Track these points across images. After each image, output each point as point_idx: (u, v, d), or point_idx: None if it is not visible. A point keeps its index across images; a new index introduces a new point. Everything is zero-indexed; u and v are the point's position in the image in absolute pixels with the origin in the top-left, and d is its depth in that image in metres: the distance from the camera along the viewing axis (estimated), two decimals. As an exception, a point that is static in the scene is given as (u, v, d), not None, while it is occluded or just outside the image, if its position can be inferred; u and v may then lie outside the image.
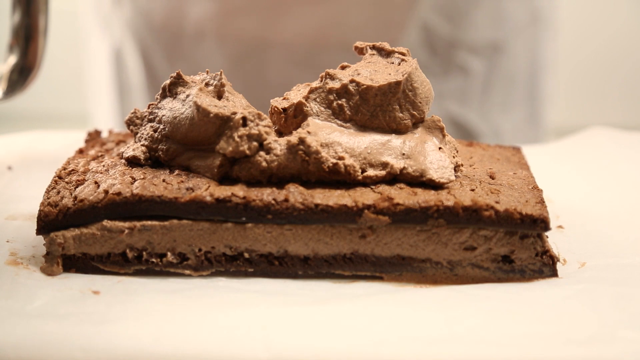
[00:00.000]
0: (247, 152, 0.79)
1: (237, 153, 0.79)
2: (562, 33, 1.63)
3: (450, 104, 1.45)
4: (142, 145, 0.85)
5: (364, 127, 0.83)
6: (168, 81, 0.86)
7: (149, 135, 0.85)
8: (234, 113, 0.79)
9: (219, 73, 0.86)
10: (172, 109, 0.84)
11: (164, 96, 0.86)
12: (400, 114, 0.83)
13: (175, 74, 0.85)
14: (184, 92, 0.84)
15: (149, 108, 0.87)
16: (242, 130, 0.79)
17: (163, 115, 0.84)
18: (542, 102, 1.58)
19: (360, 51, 0.90)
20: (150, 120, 0.86)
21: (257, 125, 0.79)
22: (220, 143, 0.79)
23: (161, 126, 0.84)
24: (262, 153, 0.79)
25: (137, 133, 0.86)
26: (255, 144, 0.79)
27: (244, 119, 0.79)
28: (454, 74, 1.44)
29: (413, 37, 1.39)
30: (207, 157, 0.81)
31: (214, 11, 1.38)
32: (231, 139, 0.78)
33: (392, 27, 1.38)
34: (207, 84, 0.86)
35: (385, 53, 0.88)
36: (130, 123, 0.87)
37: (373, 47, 0.89)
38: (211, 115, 0.80)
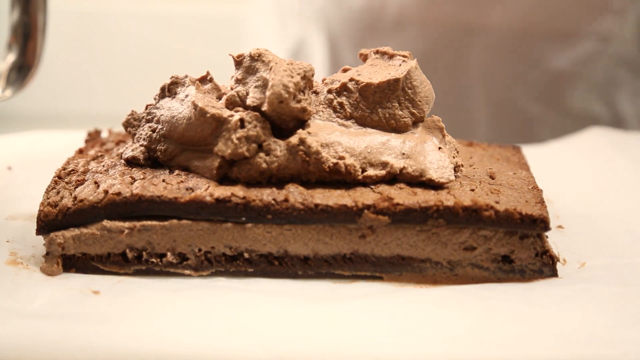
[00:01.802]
0: (246, 154, 0.79)
1: (236, 155, 0.79)
2: None
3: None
4: (141, 145, 0.85)
5: (364, 125, 0.84)
6: (168, 81, 0.86)
7: (147, 135, 0.85)
8: (232, 115, 0.79)
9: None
10: (171, 108, 0.84)
11: (162, 96, 0.87)
12: (400, 112, 0.84)
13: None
14: (183, 92, 0.84)
15: (146, 109, 0.87)
16: (241, 132, 0.79)
17: (161, 115, 0.84)
18: None
19: (365, 57, 0.90)
20: (148, 121, 0.86)
21: (256, 126, 0.79)
22: (219, 145, 0.79)
23: (159, 126, 0.84)
24: (261, 154, 0.79)
25: (135, 134, 0.86)
26: (254, 145, 0.79)
27: (242, 120, 0.79)
28: None
29: (627, 29, 1.32)
30: (205, 158, 0.81)
31: None
32: (229, 140, 0.78)
33: (607, 15, 1.30)
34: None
35: (388, 56, 0.88)
36: (127, 125, 0.87)
37: (377, 52, 0.89)
38: (208, 115, 0.79)
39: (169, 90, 0.86)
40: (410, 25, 1.36)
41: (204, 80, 0.86)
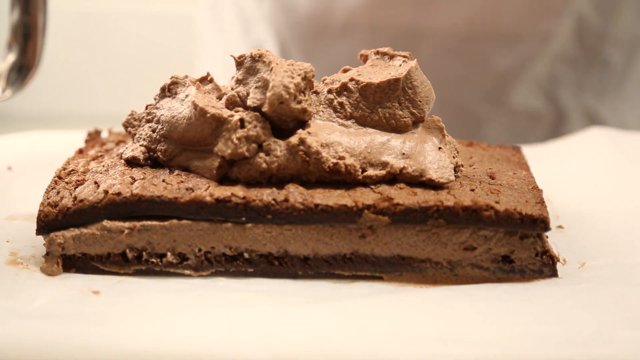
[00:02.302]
0: (246, 154, 0.79)
1: (236, 155, 0.79)
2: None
3: (588, 97, 1.42)
4: (141, 145, 0.85)
5: (364, 124, 0.84)
6: (168, 81, 0.86)
7: (148, 135, 0.85)
8: (232, 115, 0.79)
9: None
10: (171, 108, 0.84)
11: (162, 96, 0.87)
12: (400, 112, 0.84)
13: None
14: (184, 92, 0.84)
15: (146, 109, 0.87)
16: (241, 132, 0.79)
17: (162, 115, 0.84)
18: None
19: (365, 58, 0.90)
20: (148, 121, 0.86)
21: (256, 126, 0.79)
22: (219, 145, 0.79)
23: (159, 126, 0.84)
24: (261, 154, 0.79)
25: (135, 134, 0.86)
26: (254, 145, 0.79)
27: (242, 120, 0.79)
28: (596, 67, 1.41)
29: (565, 28, 1.36)
30: (205, 158, 0.81)
31: (364, 1, 1.35)
32: (229, 141, 0.78)
33: (547, 15, 1.34)
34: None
35: (388, 57, 0.88)
36: (127, 125, 0.87)
37: (377, 53, 0.89)
38: (208, 115, 0.80)
39: (169, 90, 0.86)
40: (357, 29, 1.37)
41: (204, 80, 0.86)
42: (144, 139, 0.85)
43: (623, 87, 1.45)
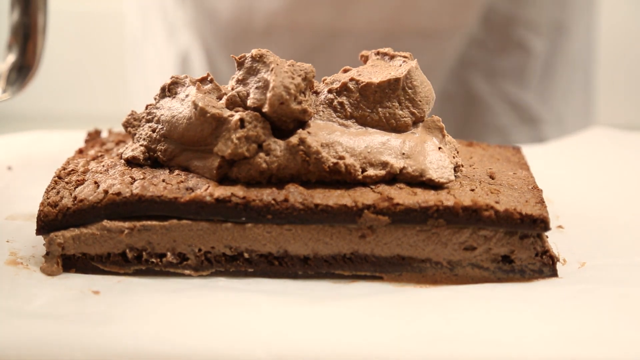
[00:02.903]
0: (246, 154, 0.79)
1: (236, 155, 0.79)
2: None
3: (507, 83, 1.43)
4: (141, 145, 0.85)
5: (364, 124, 0.84)
6: (168, 81, 0.86)
7: (148, 135, 0.85)
8: (232, 115, 0.79)
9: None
10: (171, 108, 0.84)
11: (162, 96, 0.87)
12: (400, 112, 0.84)
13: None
14: (184, 92, 0.84)
15: (146, 109, 0.87)
16: (240, 132, 0.79)
17: (162, 115, 0.84)
18: (595, 93, 1.56)
19: (366, 59, 0.90)
20: (148, 121, 0.86)
21: (256, 126, 0.79)
22: (219, 145, 0.79)
23: (159, 126, 0.84)
24: (261, 154, 0.79)
25: (135, 134, 0.86)
26: (254, 145, 0.79)
27: (242, 120, 0.79)
28: (513, 52, 1.42)
29: (475, 14, 1.37)
30: (205, 158, 0.81)
31: (284, 4, 1.36)
32: (229, 140, 0.78)
33: (461, 8, 1.36)
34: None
35: (389, 57, 0.88)
36: (127, 125, 0.87)
37: (377, 53, 0.89)
38: (208, 115, 0.80)
39: (169, 90, 0.86)
40: (279, 31, 1.39)
41: (204, 80, 0.86)
42: (144, 139, 0.85)
43: (550, 75, 1.46)
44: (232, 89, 0.83)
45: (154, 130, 0.84)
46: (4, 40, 1.02)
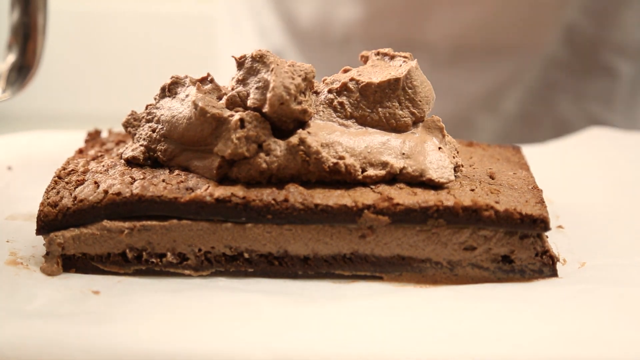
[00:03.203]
0: (246, 154, 0.79)
1: (236, 155, 0.79)
2: None
3: (593, 105, 1.43)
4: (141, 145, 0.85)
5: (364, 124, 0.84)
6: (168, 81, 0.86)
7: (148, 135, 0.85)
8: (232, 115, 0.79)
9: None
10: (171, 108, 0.84)
11: (162, 96, 0.87)
12: (400, 112, 0.84)
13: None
14: (184, 92, 0.84)
15: (146, 109, 0.87)
16: (240, 132, 0.79)
17: (162, 115, 0.84)
18: None
19: (366, 59, 0.90)
20: (148, 121, 0.86)
21: (256, 126, 0.79)
22: (219, 145, 0.79)
23: (159, 126, 0.84)
24: (262, 154, 0.79)
25: (135, 134, 0.86)
26: (254, 145, 0.79)
27: (242, 120, 0.79)
28: (598, 75, 1.42)
29: (555, 36, 1.38)
30: (205, 158, 0.81)
31: (361, 15, 1.40)
32: (229, 140, 0.78)
33: (538, 27, 1.38)
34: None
35: (389, 57, 0.88)
36: (127, 125, 0.87)
37: (377, 53, 0.89)
38: (208, 115, 0.80)
39: (169, 90, 0.86)
40: (355, 41, 1.43)
41: (204, 80, 0.86)
42: (144, 139, 0.85)
43: (637, 97, 1.46)
44: (232, 89, 0.83)
45: (154, 130, 0.84)
46: (4, 40, 1.02)
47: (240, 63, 0.83)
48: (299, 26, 1.47)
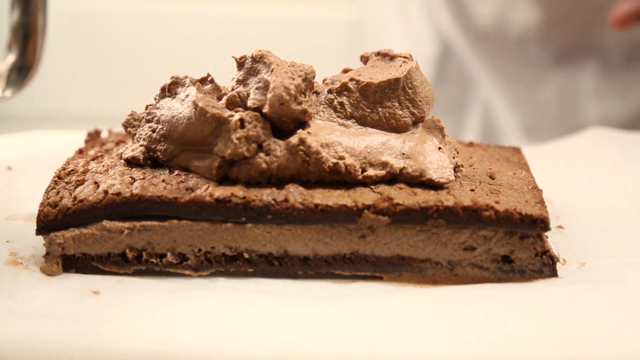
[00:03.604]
0: (246, 154, 0.79)
1: (236, 155, 0.79)
2: None
3: None
4: (141, 145, 0.85)
5: (364, 124, 0.84)
6: (168, 81, 0.86)
7: (147, 135, 0.85)
8: (232, 115, 0.79)
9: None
10: (171, 108, 0.84)
11: (162, 96, 0.87)
12: (400, 112, 0.84)
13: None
14: (184, 92, 0.85)
15: (146, 109, 0.87)
16: (240, 132, 0.79)
17: (161, 115, 0.84)
18: None
19: (366, 60, 0.90)
20: (148, 121, 0.86)
21: (256, 127, 0.79)
22: (219, 145, 0.79)
23: (159, 126, 0.84)
24: (261, 154, 0.79)
25: (135, 134, 0.86)
26: (254, 145, 0.79)
27: (242, 120, 0.79)
28: None
29: None
30: (205, 158, 0.81)
31: (538, 18, 1.45)
32: (229, 141, 0.78)
33: None
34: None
35: (389, 58, 0.88)
36: (127, 125, 0.87)
37: (378, 54, 0.89)
38: (208, 115, 0.80)
39: (169, 90, 0.86)
40: (530, 42, 1.48)
41: (204, 81, 0.86)
42: (144, 139, 0.85)
43: None
44: (232, 89, 0.83)
45: (154, 131, 0.84)
46: (4, 40, 1.02)
47: (240, 63, 0.83)
48: (474, 25, 1.52)
